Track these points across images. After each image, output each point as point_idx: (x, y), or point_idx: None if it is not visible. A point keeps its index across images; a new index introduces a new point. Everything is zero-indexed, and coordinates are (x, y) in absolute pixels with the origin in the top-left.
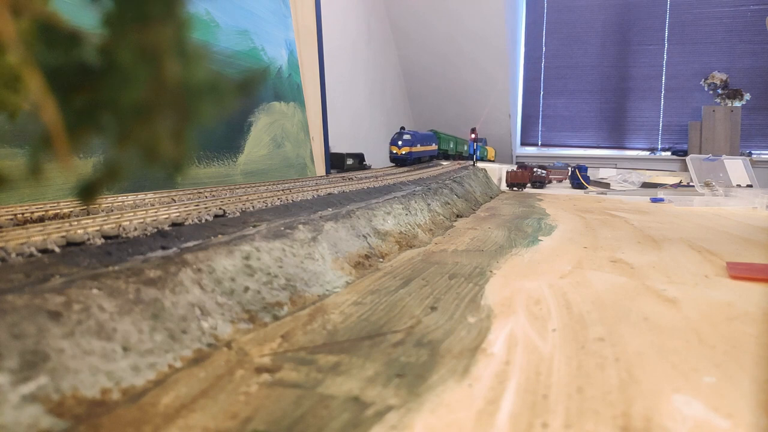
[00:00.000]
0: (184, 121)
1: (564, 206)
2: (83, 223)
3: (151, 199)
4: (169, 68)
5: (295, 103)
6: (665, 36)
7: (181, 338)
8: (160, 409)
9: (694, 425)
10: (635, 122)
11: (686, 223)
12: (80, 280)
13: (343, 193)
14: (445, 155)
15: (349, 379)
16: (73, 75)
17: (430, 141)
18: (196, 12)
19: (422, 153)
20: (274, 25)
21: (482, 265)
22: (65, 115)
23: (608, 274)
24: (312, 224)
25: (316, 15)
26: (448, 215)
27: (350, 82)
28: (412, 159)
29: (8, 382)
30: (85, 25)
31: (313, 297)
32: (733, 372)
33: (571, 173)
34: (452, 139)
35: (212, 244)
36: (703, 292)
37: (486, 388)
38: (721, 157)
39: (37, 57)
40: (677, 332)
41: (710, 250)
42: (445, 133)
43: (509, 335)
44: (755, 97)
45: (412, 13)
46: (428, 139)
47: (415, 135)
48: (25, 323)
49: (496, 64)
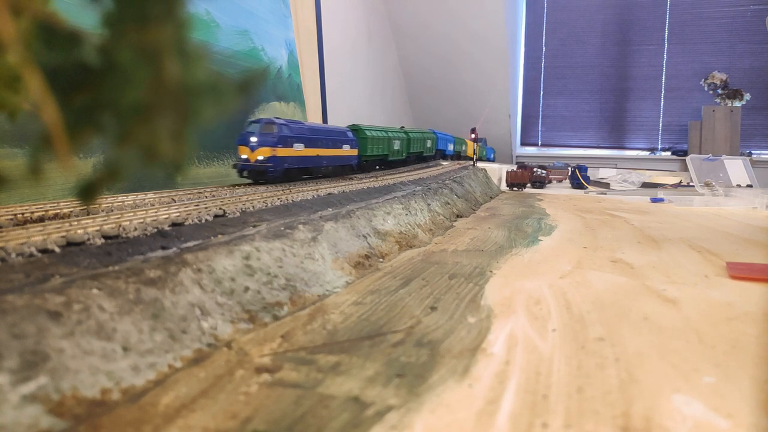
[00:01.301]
0: (184, 121)
1: (564, 206)
2: (83, 223)
3: (151, 199)
4: (169, 68)
5: (295, 103)
6: (665, 36)
7: (181, 338)
8: (160, 409)
9: (694, 425)
10: (635, 122)
11: (686, 223)
12: (80, 280)
13: (343, 193)
14: (402, 161)
15: (349, 379)
16: (73, 75)
17: (332, 140)
18: (196, 12)
19: (307, 160)
20: (274, 25)
21: (482, 265)
22: (65, 115)
23: (608, 274)
24: (312, 224)
25: (316, 15)
26: (448, 215)
27: (350, 82)
28: (280, 170)
29: (8, 382)
30: (85, 25)
31: (313, 297)
32: (733, 372)
33: (571, 173)
34: (411, 137)
35: (212, 244)
36: (703, 292)
37: (486, 388)
38: (721, 157)
39: (37, 57)
40: (677, 332)
41: (710, 250)
42: (393, 129)
43: (509, 335)
44: (755, 97)
45: (412, 13)
46: (323, 137)
47: (287, 127)
48: (25, 323)
49: (496, 64)
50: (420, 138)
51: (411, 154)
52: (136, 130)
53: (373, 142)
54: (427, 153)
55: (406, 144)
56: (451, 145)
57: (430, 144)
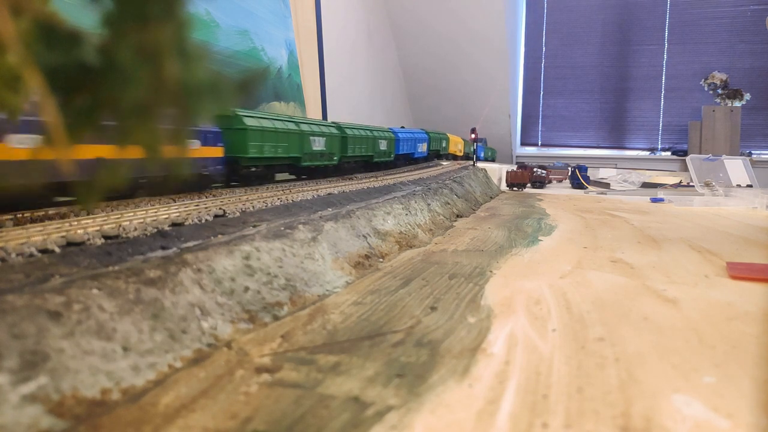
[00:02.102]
0: (184, 121)
1: (564, 206)
2: (83, 223)
3: (151, 198)
4: (169, 68)
5: (295, 103)
6: (665, 36)
7: (181, 338)
8: (160, 409)
9: (694, 425)
10: (635, 122)
11: (686, 223)
12: (80, 280)
13: (343, 193)
14: (308, 170)
15: (349, 379)
16: (73, 75)
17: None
18: (196, 12)
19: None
20: (274, 25)
21: (482, 265)
22: (65, 115)
23: (608, 274)
24: (312, 224)
25: (316, 15)
26: (448, 215)
27: (350, 82)
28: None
29: (8, 382)
30: (85, 25)
31: (313, 297)
32: (733, 372)
33: (571, 173)
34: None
35: (212, 244)
36: (703, 292)
37: (486, 388)
38: (721, 157)
39: (37, 57)
40: (677, 332)
41: (710, 250)
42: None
43: (509, 335)
44: (755, 97)
45: (412, 13)
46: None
47: None
48: (25, 323)
49: (496, 64)
50: (366, 137)
51: (348, 159)
52: (136, 130)
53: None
54: (380, 158)
55: (325, 144)
56: (423, 145)
57: (385, 146)
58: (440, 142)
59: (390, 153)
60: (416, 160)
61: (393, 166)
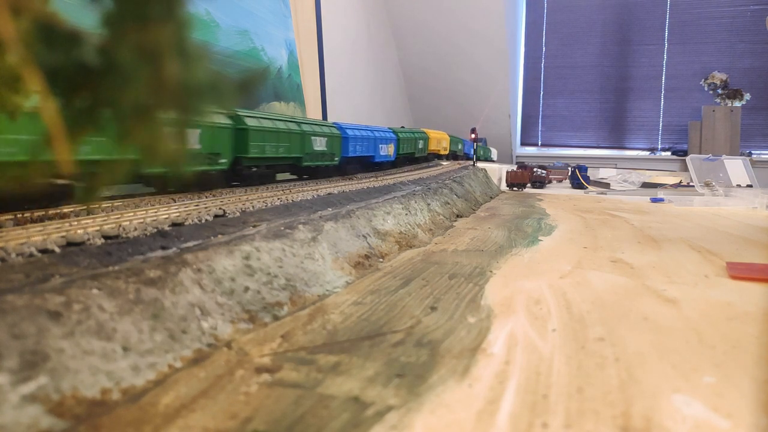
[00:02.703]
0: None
1: (564, 206)
2: (83, 223)
3: (151, 199)
4: (169, 68)
5: (295, 103)
6: (665, 36)
7: (181, 338)
8: (160, 409)
9: (694, 425)
10: (635, 122)
11: (686, 223)
12: (80, 280)
13: (343, 192)
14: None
15: (349, 379)
16: (73, 75)
17: None
18: (196, 12)
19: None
20: (274, 25)
21: (482, 265)
22: (65, 115)
23: (608, 274)
24: (312, 224)
25: (316, 15)
26: (448, 215)
27: (350, 82)
28: None
29: (8, 382)
30: (85, 25)
31: (313, 297)
32: (733, 372)
33: (571, 173)
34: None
35: (212, 244)
36: (703, 292)
37: (486, 388)
38: (721, 157)
39: (37, 57)
40: (677, 332)
41: (710, 250)
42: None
43: (509, 335)
44: (755, 97)
45: (412, 12)
46: None
47: None
48: (25, 323)
49: (496, 64)
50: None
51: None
52: (136, 130)
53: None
54: (313, 161)
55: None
56: (388, 147)
57: (324, 146)
58: (414, 144)
59: (333, 155)
60: (380, 164)
61: (342, 172)
